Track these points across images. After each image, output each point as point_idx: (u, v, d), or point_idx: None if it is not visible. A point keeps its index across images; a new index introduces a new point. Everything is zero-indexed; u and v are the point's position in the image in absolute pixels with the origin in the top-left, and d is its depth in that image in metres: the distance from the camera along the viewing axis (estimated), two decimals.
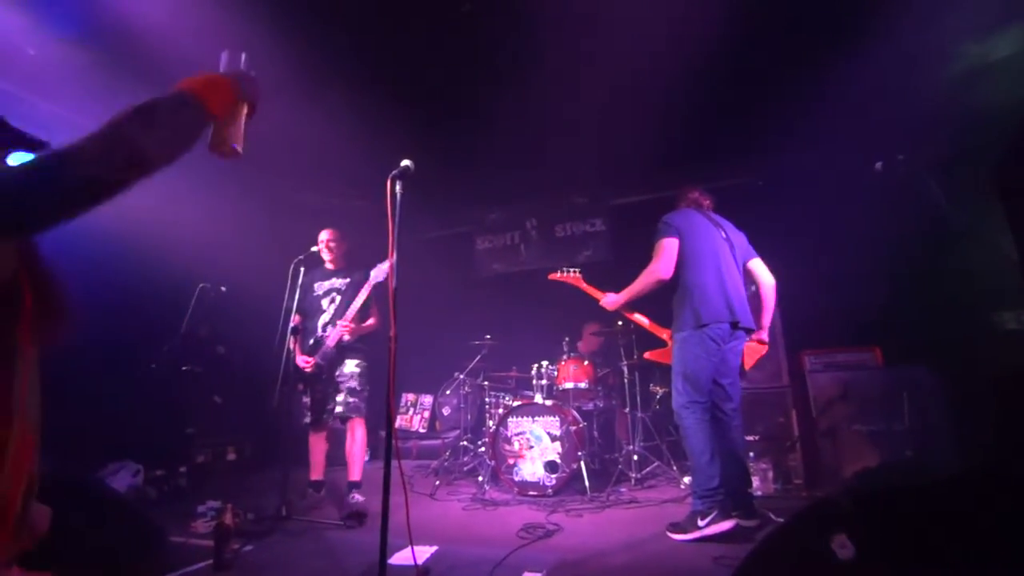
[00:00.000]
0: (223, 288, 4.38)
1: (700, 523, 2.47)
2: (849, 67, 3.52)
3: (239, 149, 1.03)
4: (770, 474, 3.50)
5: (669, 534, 2.57)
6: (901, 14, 3.18)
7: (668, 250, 2.79)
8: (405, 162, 2.08)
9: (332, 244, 3.45)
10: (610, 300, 3.04)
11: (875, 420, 3.40)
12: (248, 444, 5.21)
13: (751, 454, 3.51)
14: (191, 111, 0.91)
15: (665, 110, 3.95)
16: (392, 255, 1.98)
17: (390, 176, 2.01)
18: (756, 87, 3.89)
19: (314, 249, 3.45)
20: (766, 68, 3.69)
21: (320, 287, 3.47)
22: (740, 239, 3.04)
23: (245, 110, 1.04)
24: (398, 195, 2.03)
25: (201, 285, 4.19)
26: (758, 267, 3.00)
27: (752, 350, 2.99)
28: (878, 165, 2.59)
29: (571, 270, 3.53)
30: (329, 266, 3.51)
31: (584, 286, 3.40)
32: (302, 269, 3.39)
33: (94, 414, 3.98)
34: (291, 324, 3.22)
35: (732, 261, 2.92)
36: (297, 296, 3.30)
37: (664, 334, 3.11)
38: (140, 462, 4.04)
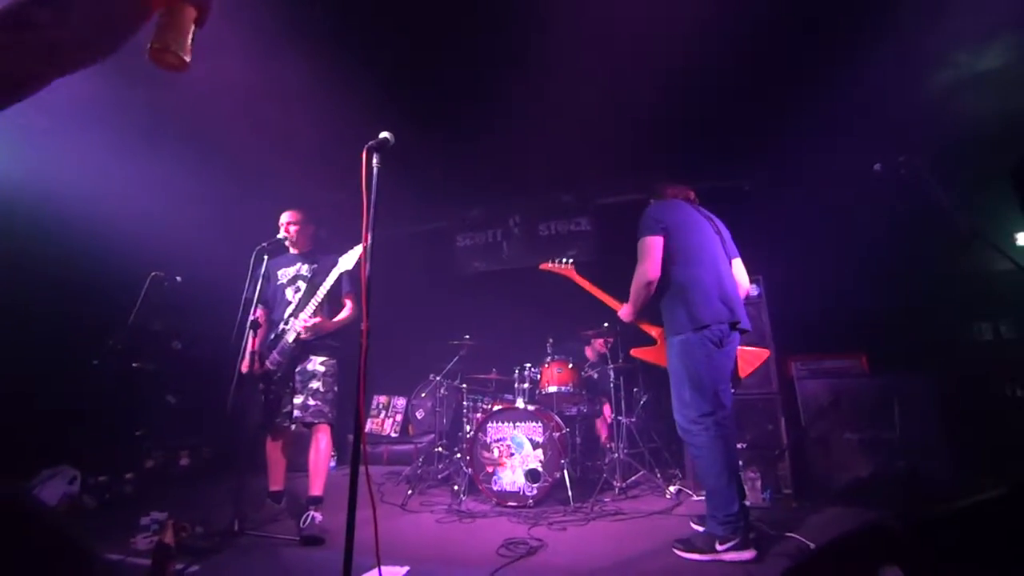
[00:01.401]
0: (178, 278, 4.00)
1: (718, 547, 2.26)
2: (845, 67, 3.45)
3: (186, 58, 0.83)
4: (758, 483, 3.36)
5: (678, 552, 2.35)
6: (898, 16, 3.13)
7: (652, 249, 2.55)
8: (384, 134, 1.85)
9: (294, 227, 3.15)
10: (624, 312, 2.79)
11: (866, 428, 3.32)
12: (204, 448, 4.84)
13: (739, 462, 3.37)
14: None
15: (654, 109, 3.82)
16: (367, 238, 1.74)
17: (366, 147, 1.77)
18: (747, 88, 3.77)
19: (279, 236, 3.15)
20: (758, 68, 3.58)
21: (284, 275, 3.16)
22: (727, 234, 2.87)
23: (192, 14, 0.84)
24: (375, 169, 1.79)
25: (153, 274, 3.81)
26: (737, 268, 2.81)
27: (752, 355, 2.80)
28: (877, 166, 2.45)
29: (564, 261, 3.28)
30: (293, 251, 3.21)
31: (583, 281, 3.14)
32: (265, 257, 3.08)
33: (29, 415, 3.61)
34: (251, 317, 2.91)
35: (725, 257, 2.73)
36: (259, 286, 2.99)
37: (654, 331, 2.87)
38: (80, 467, 3.66)
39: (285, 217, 3.21)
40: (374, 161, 1.80)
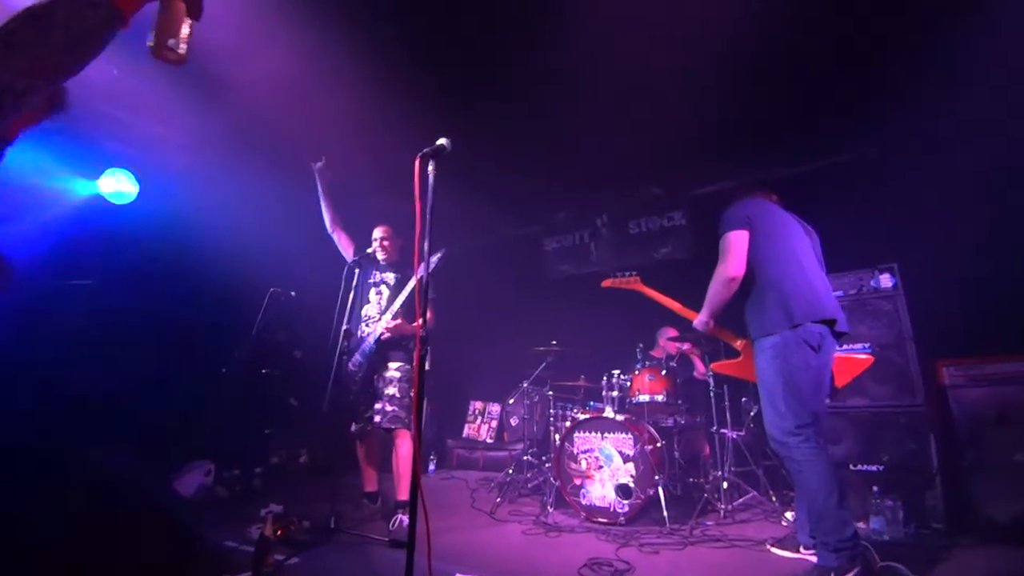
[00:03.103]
0: (293, 293, 4.44)
1: None
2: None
3: (180, 51, 0.89)
4: (900, 514, 2.82)
5: None
6: None
7: (736, 245, 2.38)
8: (441, 140, 1.85)
9: (386, 241, 3.33)
10: (700, 319, 2.60)
11: None
12: (320, 448, 5.28)
13: (874, 488, 2.86)
14: (95, 11, 0.79)
15: (753, 76, 3.40)
16: (424, 242, 1.74)
17: (420, 154, 1.78)
18: (866, 37, 3.19)
19: (369, 250, 3.34)
20: (876, 13, 3.03)
21: (372, 277, 3.36)
22: (818, 241, 2.64)
23: (182, 8, 0.90)
24: (430, 176, 1.79)
25: (272, 290, 4.27)
26: None
27: (850, 363, 2.49)
28: None
29: (628, 274, 3.16)
30: (382, 260, 3.38)
31: (652, 292, 3.01)
32: (357, 270, 3.28)
33: (181, 415, 4.19)
34: (344, 327, 3.11)
35: (814, 257, 2.51)
36: (352, 297, 3.20)
37: (738, 343, 2.67)
38: (221, 461, 4.16)
39: (378, 232, 3.39)
40: (429, 168, 1.80)
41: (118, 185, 3.96)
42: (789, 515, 3.09)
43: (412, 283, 3.02)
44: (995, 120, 3.18)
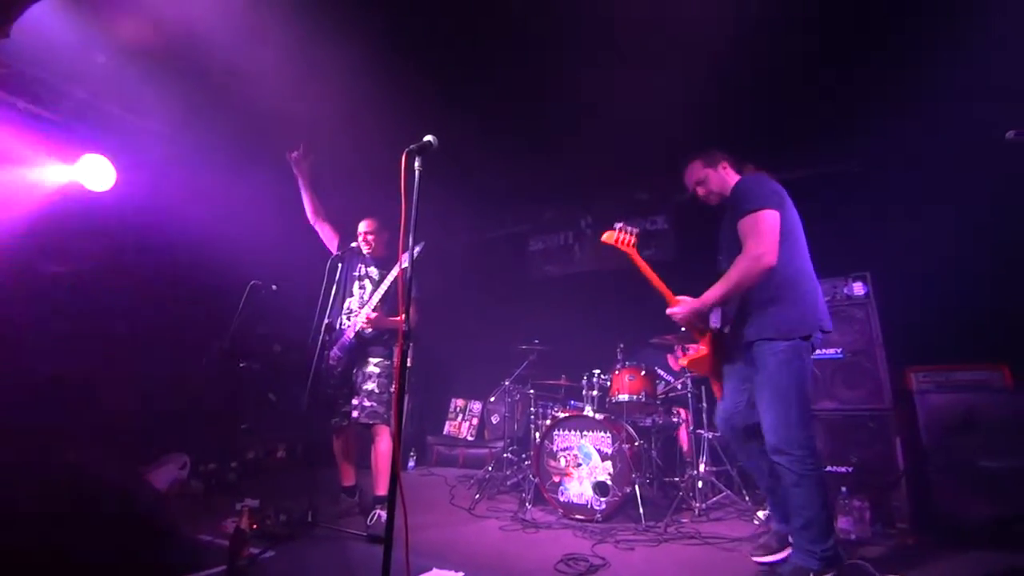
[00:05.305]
0: (274, 287, 4.38)
1: None
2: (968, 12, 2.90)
3: None
4: (867, 515, 2.90)
5: None
6: None
7: (773, 227, 2.04)
8: (428, 137, 1.86)
9: (370, 236, 3.30)
10: (695, 304, 2.25)
11: (1009, 455, 2.73)
12: (299, 443, 5.23)
13: (843, 489, 2.94)
14: None
15: (738, 87, 3.48)
16: (409, 237, 1.74)
17: (406, 151, 1.78)
18: (846, 52, 3.29)
19: (354, 244, 3.32)
20: (857, 25, 3.12)
21: (357, 271, 3.33)
22: None
23: None
24: (416, 173, 1.80)
25: (252, 283, 4.21)
26: None
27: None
28: (1010, 134, 2.00)
29: (630, 231, 2.61)
30: (367, 253, 3.36)
31: (642, 263, 2.50)
32: (340, 264, 3.26)
33: (157, 407, 4.12)
34: (326, 321, 3.09)
35: None
36: (334, 292, 3.17)
37: (704, 338, 2.41)
38: (196, 455, 4.10)
39: (362, 227, 3.36)
40: (416, 164, 1.81)
41: (95, 171, 3.86)
42: (761, 514, 3.15)
43: (393, 274, 2.99)
44: (966, 136, 3.29)
